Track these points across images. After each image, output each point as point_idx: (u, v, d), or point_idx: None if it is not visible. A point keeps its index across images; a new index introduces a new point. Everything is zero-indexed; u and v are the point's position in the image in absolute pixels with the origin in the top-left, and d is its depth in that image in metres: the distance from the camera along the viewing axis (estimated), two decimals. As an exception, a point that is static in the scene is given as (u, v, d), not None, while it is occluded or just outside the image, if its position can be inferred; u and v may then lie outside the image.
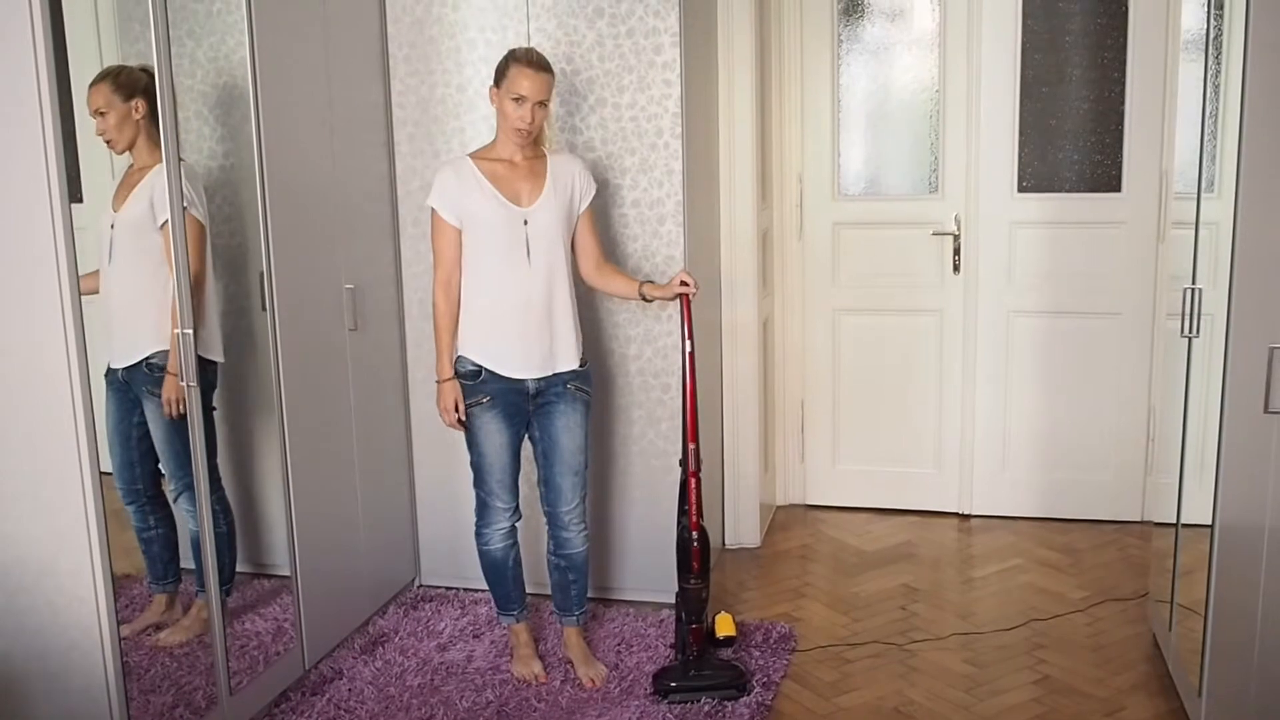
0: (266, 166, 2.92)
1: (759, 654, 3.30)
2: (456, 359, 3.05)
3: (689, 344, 3.12)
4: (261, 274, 2.95)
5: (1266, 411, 2.42)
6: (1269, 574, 2.48)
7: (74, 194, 2.37)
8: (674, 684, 3.07)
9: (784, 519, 4.46)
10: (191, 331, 2.61)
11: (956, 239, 4.25)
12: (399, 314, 3.67)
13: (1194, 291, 2.78)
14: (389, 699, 3.10)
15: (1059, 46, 4.10)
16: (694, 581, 3.09)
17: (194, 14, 2.81)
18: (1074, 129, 4.14)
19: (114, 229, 2.65)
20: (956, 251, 4.26)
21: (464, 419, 3.06)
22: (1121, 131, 4.08)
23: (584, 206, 3.12)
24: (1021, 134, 4.15)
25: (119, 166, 2.67)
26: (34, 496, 2.43)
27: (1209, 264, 2.75)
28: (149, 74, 2.56)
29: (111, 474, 2.71)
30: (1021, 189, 4.19)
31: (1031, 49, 4.10)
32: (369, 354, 3.49)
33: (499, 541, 3.17)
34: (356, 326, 3.39)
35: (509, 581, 3.23)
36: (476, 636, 3.47)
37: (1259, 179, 2.38)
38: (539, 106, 2.97)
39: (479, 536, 3.19)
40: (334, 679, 3.21)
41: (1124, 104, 4.06)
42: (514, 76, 2.95)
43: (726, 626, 3.12)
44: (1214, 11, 2.73)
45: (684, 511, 3.12)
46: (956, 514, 4.43)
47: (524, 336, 3.02)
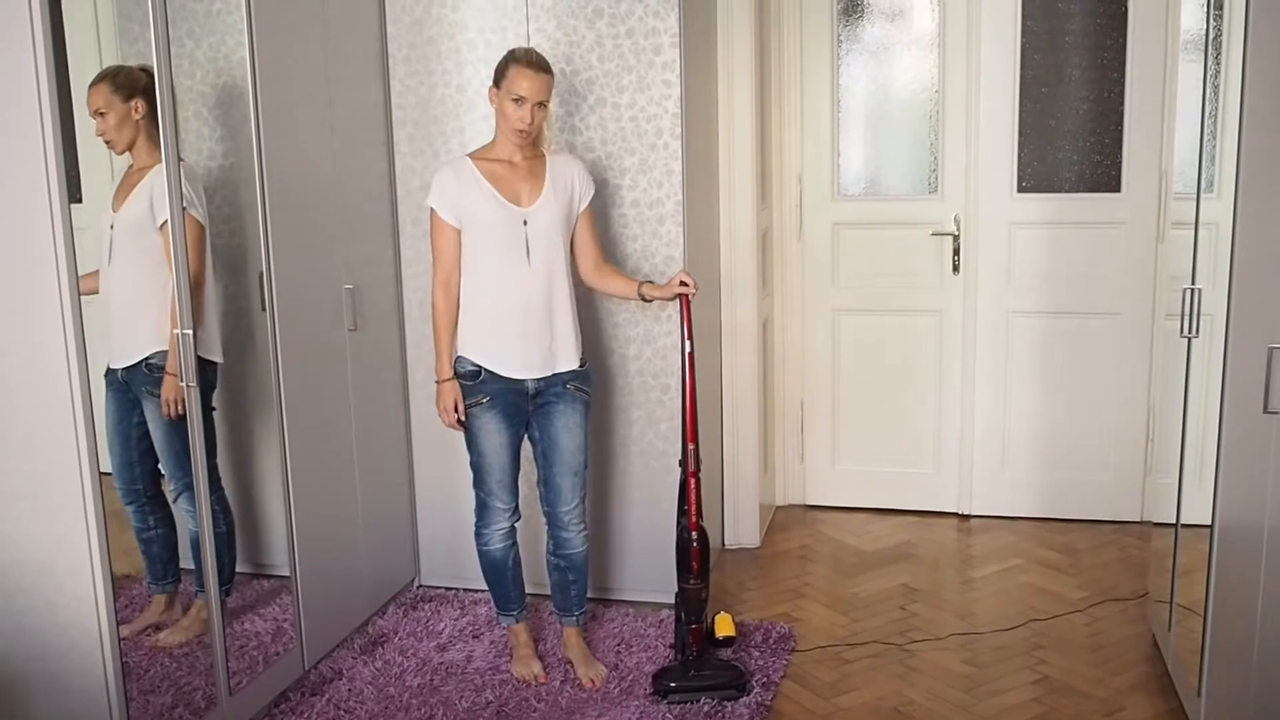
0: (266, 167, 2.92)
1: (758, 654, 3.30)
2: (456, 359, 3.06)
3: (688, 344, 3.13)
4: (261, 274, 2.95)
5: (1266, 411, 2.42)
6: (1268, 574, 2.47)
7: (74, 194, 2.37)
8: (673, 684, 3.07)
9: (783, 519, 4.46)
10: (191, 332, 2.61)
11: (956, 239, 4.25)
12: (399, 314, 3.67)
13: (1193, 292, 2.78)
14: (388, 699, 3.10)
15: (1058, 47, 4.10)
16: (693, 582, 3.09)
17: (193, 14, 2.81)
18: (1073, 129, 4.14)
19: (114, 229, 2.65)
20: (956, 252, 4.26)
21: (464, 419, 3.06)
22: (1121, 132, 4.08)
23: (583, 207, 3.12)
24: (1021, 134, 4.15)
25: (119, 167, 2.67)
26: (34, 497, 2.43)
27: (1208, 264, 2.75)
28: (148, 74, 2.55)
29: (111, 474, 2.71)
30: (1021, 189, 4.19)
31: (1031, 49, 4.10)
32: (369, 354, 3.49)
33: (498, 542, 3.17)
34: (356, 327, 3.39)
35: (508, 582, 3.23)
36: (476, 637, 3.47)
37: (1258, 179, 2.38)
38: (538, 107, 2.97)
39: (478, 537, 3.19)
40: (333, 679, 3.21)
41: (1123, 104, 4.06)
42: (513, 77, 2.95)
43: (726, 627, 3.12)
44: (1213, 11, 2.73)
45: (683, 512, 3.12)
46: (956, 514, 4.43)
47: (523, 337, 3.02)
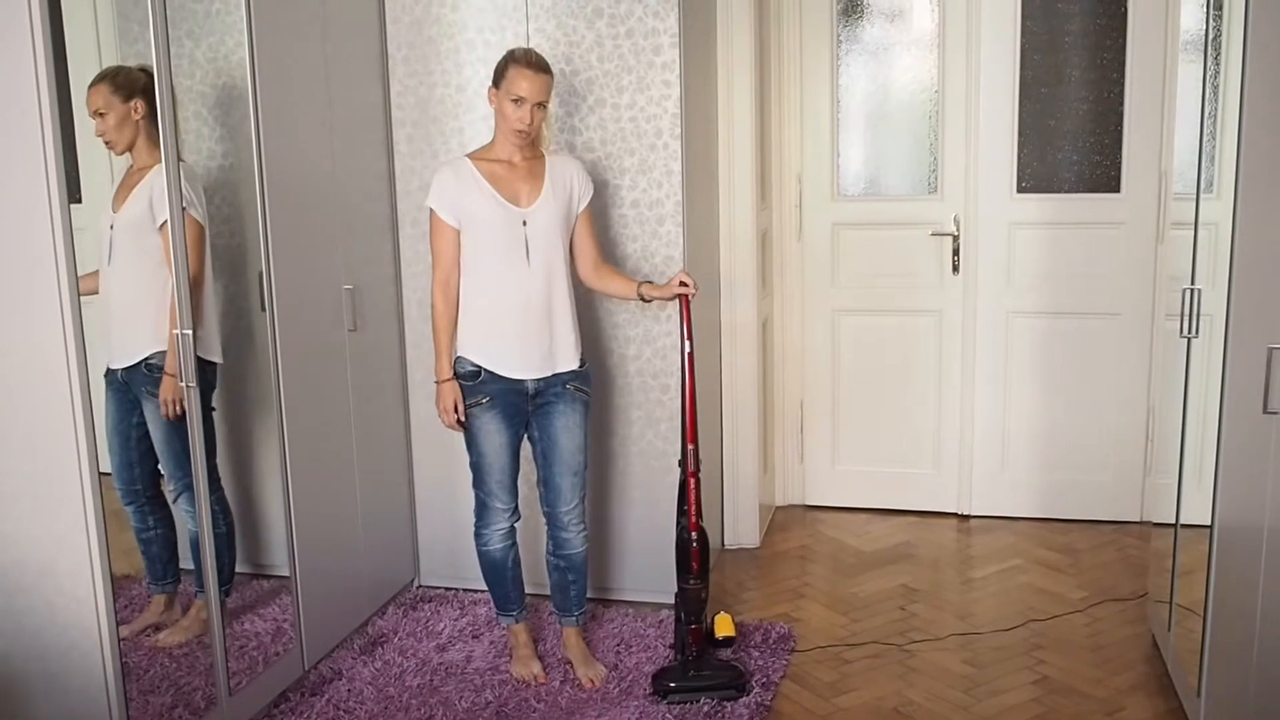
0: (266, 167, 2.92)
1: (758, 654, 3.30)
2: (456, 359, 3.05)
3: (688, 344, 3.12)
4: (260, 274, 2.95)
5: (1265, 412, 2.42)
6: (1268, 574, 2.48)
7: (73, 194, 2.37)
8: (673, 684, 3.07)
9: (783, 519, 4.46)
10: (190, 332, 2.61)
11: (956, 239, 4.25)
12: (398, 314, 3.67)
13: (1193, 292, 2.78)
14: (388, 699, 3.10)
15: (1058, 47, 4.10)
16: (693, 582, 3.09)
17: (193, 14, 2.81)
18: (1073, 130, 4.14)
19: (113, 229, 2.65)
20: (956, 252, 4.26)
21: (463, 419, 3.06)
22: (1120, 132, 4.08)
23: (582, 207, 3.12)
24: (1020, 134, 4.15)
25: (118, 167, 2.67)
26: (34, 497, 2.43)
27: (1208, 264, 2.75)
28: (148, 74, 2.55)
29: (111, 474, 2.71)
30: (1021, 189, 4.19)
31: (1030, 50, 4.10)
32: (368, 354, 3.49)
33: (498, 542, 3.17)
34: (356, 327, 3.39)
35: (508, 582, 3.23)
36: (476, 637, 3.47)
37: (1258, 179, 2.38)
38: (538, 107, 2.97)
39: (478, 537, 3.19)
40: (333, 679, 3.21)
41: (1123, 104, 4.06)
42: (513, 77, 2.95)
43: (726, 627, 3.12)
44: (1213, 12, 2.73)
45: (683, 512, 3.12)
46: (956, 514, 4.43)
47: (523, 337, 3.02)
